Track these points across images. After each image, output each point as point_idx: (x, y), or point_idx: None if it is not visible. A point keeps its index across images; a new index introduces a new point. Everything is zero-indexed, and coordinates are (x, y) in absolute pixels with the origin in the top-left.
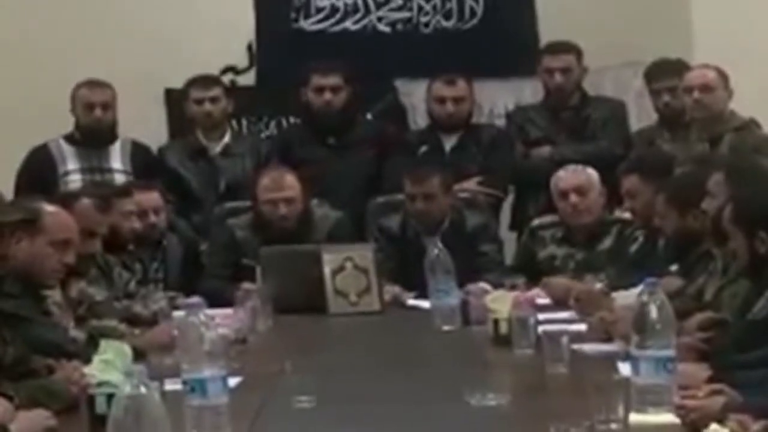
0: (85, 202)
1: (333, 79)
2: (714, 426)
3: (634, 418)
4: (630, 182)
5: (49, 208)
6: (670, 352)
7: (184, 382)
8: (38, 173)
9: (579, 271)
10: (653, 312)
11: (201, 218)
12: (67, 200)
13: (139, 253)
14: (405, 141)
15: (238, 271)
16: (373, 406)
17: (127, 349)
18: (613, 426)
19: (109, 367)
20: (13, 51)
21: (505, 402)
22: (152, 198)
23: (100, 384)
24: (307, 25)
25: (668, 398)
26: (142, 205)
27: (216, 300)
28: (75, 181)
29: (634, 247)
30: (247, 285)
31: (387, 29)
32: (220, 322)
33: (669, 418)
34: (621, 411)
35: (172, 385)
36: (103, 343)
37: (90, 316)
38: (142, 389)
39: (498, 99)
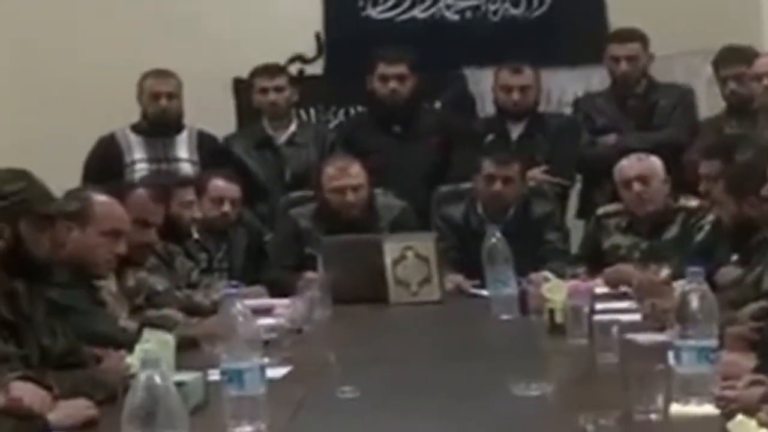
0: (140, 192)
1: (398, 68)
2: (740, 417)
3: (675, 408)
4: (710, 167)
5: (100, 198)
6: (712, 342)
7: (222, 373)
8: (105, 163)
9: (644, 260)
10: (695, 302)
11: (266, 208)
12: (122, 190)
13: (204, 243)
14: (471, 130)
15: (302, 260)
16: (415, 396)
17: (170, 339)
18: (653, 416)
19: (145, 354)
20: (82, 41)
21: (548, 392)
22: (232, 189)
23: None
24: (375, 13)
25: (710, 389)
26: (221, 193)
27: (279, 289)
28: (141, 170)
29: (700, 236)
30: (309, 274)
31: (455, 17)
32: (278, 311)
33: (710, 409)
34: (661, 401)
35: (216, 376)
36: (146, 333)
37: (148, 305)
38: (158, 380)
39: (566, 87)
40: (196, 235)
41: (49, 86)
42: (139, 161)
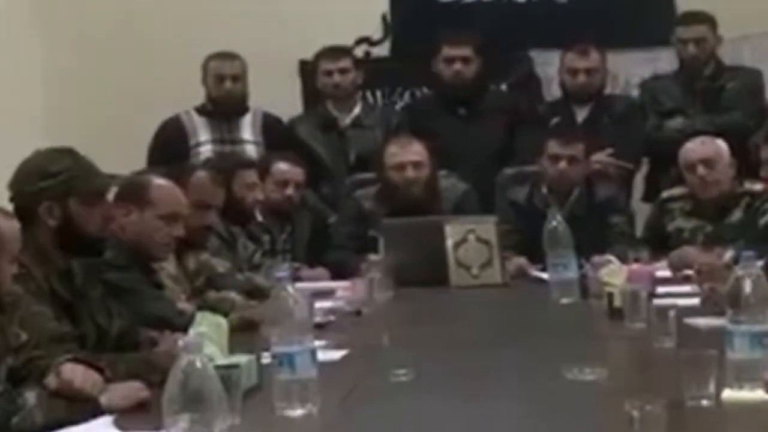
0: (200, 174)
1: (463, 50)
2: None
3: (727, 394)
4: None
5: (159, 181)
6: (765, 328)
7: (273, 356)
8: (170, 145)
9: (708, 243)
10: (748, 286)
11: (330, 190)
12: (182, 173)
13: (267, 225)
14: (536, 112)
15: (365, 242)
16: (468, 380)
17: (223, 322)
18: (704, 402)
19: (203, 339)
20: (148, 23)
21: (601, 377)
22: (296, 172)
23: None
24: None
25: (763, 375)
26: (284, 176)
27: (342, 272)
28: (206, 152)
29: (764, 220)
30: (372, 257)
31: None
32: (340, 294)
33: (763, 395)
34: (713, 387)
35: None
36: (199, 316)
37: (208, 287)
38: (198, 363)
39: (634, 69)
40: (259, 218)
41: (114, 69)
42: (203, 143)
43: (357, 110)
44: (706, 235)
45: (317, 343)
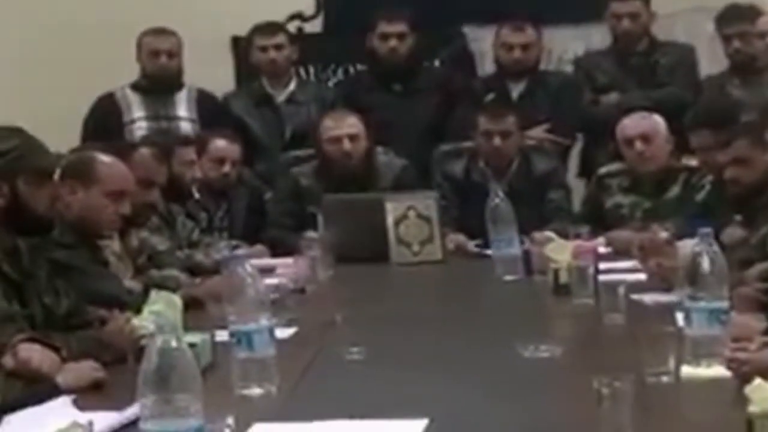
0: (143, 151)
1: (398, 26)
2: (758, 380)
3: (686, 370)
4: (700, 136)
5: (104, 158)
6: (723, 304)
7: (231, 335)
8: (104, 121)
9: (646, 219)
10: (706, 263)
11: (266, 166)
12: (125, 150)
13: (204, 202)
14: (471, 88)
15: (303, 219)
16: (424, 358)
17: (177, 300)
18: (664, 378)
19: (157, 317)
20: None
21: (557, 354)
22: (233, 150)
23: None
24: None
25: (721, 351)
26: (220, 154)
27: (280, 249)
28: (141, 128)
29: (701, 196)
30: (310, 234)
31: None
32: (280, 271)
33: (721, 371)
34: (672, 363)
35: (223, 337)
36: (153, 294)
37: (150, 266)
38: (173, 343)
39: (567, 45)
40: (196, 195)
41: (47, 46)
42: (138, 119)
43: (292, 86)
44: (645, 211)
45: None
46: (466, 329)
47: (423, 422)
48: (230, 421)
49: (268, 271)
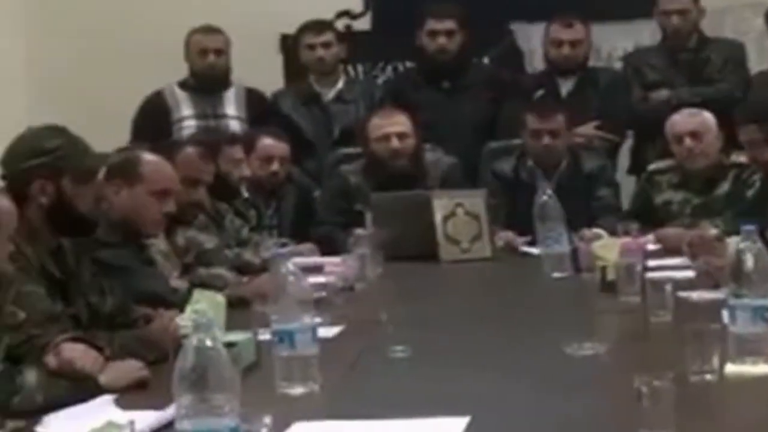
0: (189, 150)
1: (447, 23)
2: None
3: (730, 368)
4: (748, 132)
5: (149, 157)
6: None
7: (273, 333)
8: (153, 120)
9: (695, 216)
10: (750, 260)
11: (315, 165)
12: (170, 149)
13: (253, 200)
14: (520, 85)
15: (352, 217)
16: (468, 356)
17: (220, 299)
18: (708, 377)
19: (198, 317)
20: None
21: (601, 351)
22: (281, 148)
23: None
24: None
25: (765, 349)
26: (268, 152)
27: (329, 247)
28: (189, 127)
29: (751, 192)
30: (359, 232)
31: None
32: (329, 269)
33: (766, 369)
34: (716, 361)
35: (267, 336)
36: (196, 293)
37: (198, 264)
38: (209, 342)
39: (617, 42)
40: (245, 194)
41: (96, 45)
42: (186, 118)
43: (340, 85)
44: (694, 207)
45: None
46: (512, 327)
47: (465, 420)
48: (267, 420)
49: (316, 269)
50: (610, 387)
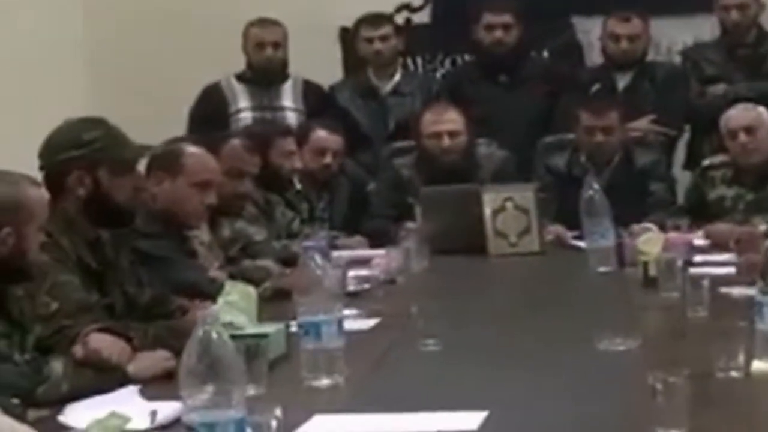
0: (234, 142)
1: (504, 17)
2: None
3: (757, 365)
4: None
5: (191, 149)
6: None
7: (299, 325)
8: (210, 111)
9: (748, 212)
10: None
11: (369, 157)
12: (214, 141)
13: (305, 193)
14: (577, 79)
15: (404, 210)
16: (497, 350)
17: (252, 291)
18: (734, 373)
19: (232, 308)
20: None
21: (632, 347)
22: (334, 140)
23: (222, 326)
24: None
25: None
26: (321, 145)
27: (380, 240)
28: (246, 119)
29: None
30: (410, 225)
31: None
32: (376, 262)
33: None
34: (742, 358)
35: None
36: (228, 284)
37: (244, 256)
38: (214, 334)
39: (676, 36)
40: (298, 186)
41: (154, 36)
42: (244, 110)
43: (397, 77)
44: (747, 203)
45: (349, 311)
46: (547, 321)
47: (482, 415)
48: (278, 412)
49: (364, 262)
50: (633, 384)
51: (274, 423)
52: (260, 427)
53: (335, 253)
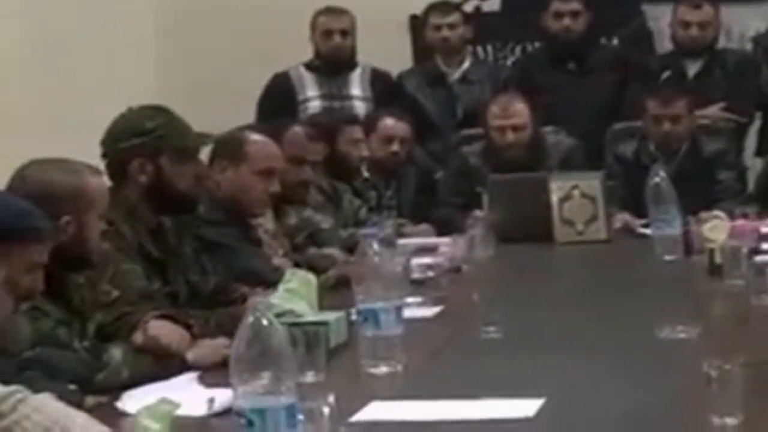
0: (296, 130)
1: (572, 5)
2: None
3: None
4: None
5: (254, 136)
6: None
7: (358, 313)
8: (279, 100)
9: None
10: None
11: (438, 145)
12: (277, 129)
13: (373, 181)
14: (647, 67)
15: (472, 198)
16: (558, 338)
17: (312, 279)
18: None
19: (293, 296)
20: None
21: (693, 335)
22: (402, 128)
23: (283, 313)
24: None
25: None
26: (389, 133)
27: (448, 228)
28: (314, 108)
29: None
30: (478, 213)
31: None
32: (443, 250)
33: None
34: None
35: None
36: (288, 272)
37: (310, 243)
38: (265, 321)
39: (749, 23)
40: (365, 174)
41: (223, 26)
42: (312, 99)
43: (466, 65)
44: None
45: (413, 299)
46: (610, 309)
47: (538, 402)
48: (331, 399)
49: (431, 249)
50: (690, 371)
51: (326, 410)
52: (313, 414)
53: (401, 241)
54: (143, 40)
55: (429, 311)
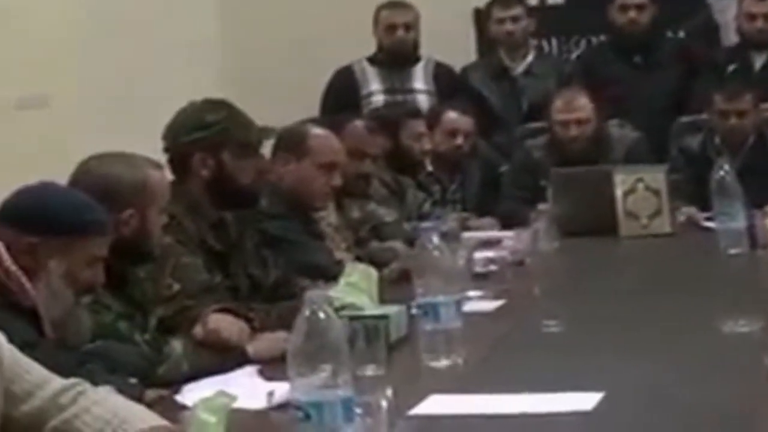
0: (356, 123)
1: None
2: None
3: None
4: None
5: (316, 130)
6: None
7: (418, 306)
8: (342, 94)
9: None
10: None
11: (502, 139)
12: (337, 123)
13: (437, 174)
14: (712, 59)
15: (536, 192)
16: (619, 332)
17: (373, 273)
18: None
19: (353, 289)
20: None
21: (755, 329)
22: (466, 122)
23: (343, 307)
24: None
25: None
26: (452, 126)
27: (512, 221)
28: (378, 102)
29: None
30: (541, 206)
31: None
32: (507, 243)
33: None
34: None
35: None
36: (349, 266)
37: (373, 237)
38: (321, 314)
39: None
40: (429, 168)
41: (286, 21)
42: (375, 93)
43: (530, 58)
44: None
45: (475, 293)
46: (673, 303)
47: (597, 396)
48: (389, 392)
49: (495, 243)
50: (751, 366)
51: (384, 403)
52: (370, 408)
53: (465, 235)
54: (207, 35)
55: (490, 305)
